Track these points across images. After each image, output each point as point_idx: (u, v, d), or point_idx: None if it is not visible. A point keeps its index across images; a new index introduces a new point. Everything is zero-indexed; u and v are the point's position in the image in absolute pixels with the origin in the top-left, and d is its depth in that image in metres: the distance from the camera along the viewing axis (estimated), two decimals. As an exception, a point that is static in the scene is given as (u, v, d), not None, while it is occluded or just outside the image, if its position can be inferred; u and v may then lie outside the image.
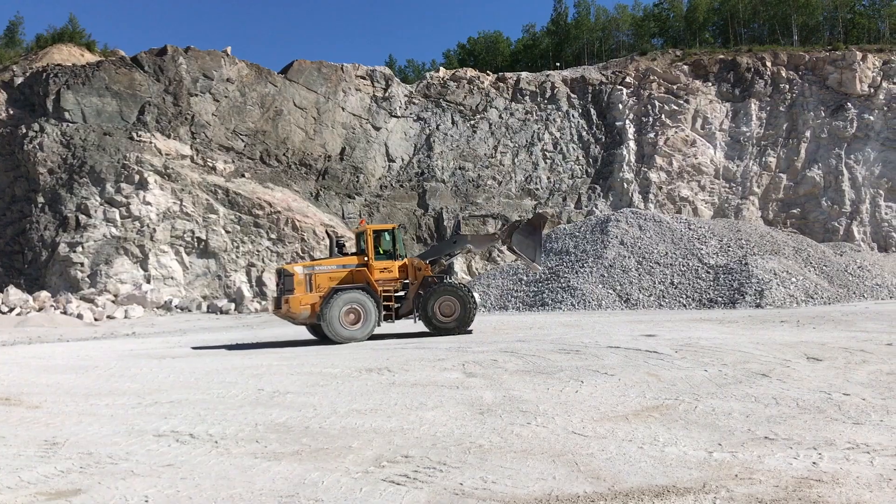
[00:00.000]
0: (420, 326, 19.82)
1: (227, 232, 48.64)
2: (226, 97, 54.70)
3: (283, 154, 55.24)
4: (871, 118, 60.77)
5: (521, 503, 4.56)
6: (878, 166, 60.33)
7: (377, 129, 58.85)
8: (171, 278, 46.54)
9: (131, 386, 10.90)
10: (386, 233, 20.75)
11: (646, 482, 4.86)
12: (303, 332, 21.28)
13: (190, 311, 43.64)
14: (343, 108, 58.27)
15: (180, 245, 47.42)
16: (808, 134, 61.31)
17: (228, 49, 56.85)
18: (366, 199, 55.75)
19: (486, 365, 11.30)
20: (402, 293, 19.75)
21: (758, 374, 9.39)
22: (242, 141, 54.29)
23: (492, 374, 10.26)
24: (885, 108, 60.99)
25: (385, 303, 19.36)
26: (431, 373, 10.72)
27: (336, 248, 21.89)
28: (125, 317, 38.81)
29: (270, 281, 47.79)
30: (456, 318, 19.35)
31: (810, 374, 9.22)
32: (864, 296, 30.47)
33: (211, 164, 51.47)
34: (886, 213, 59.36)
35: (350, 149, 57.29)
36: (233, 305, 44.49)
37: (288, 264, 25.28)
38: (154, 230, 46.52)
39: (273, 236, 49.19)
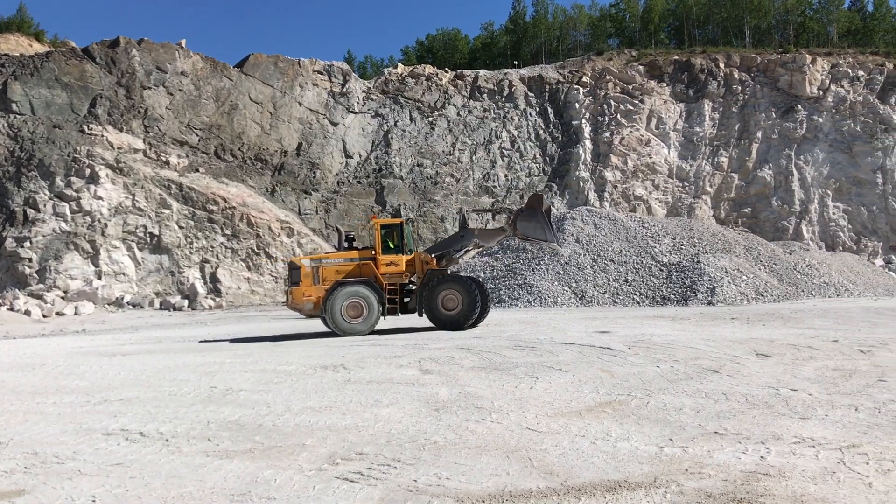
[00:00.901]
0: (426, 321, 19.76)
1: (181, 227, 47.92)
2: (180, 91, 53.87)
3: (239, 149, 54.61)
4: (820, 120, 62.23)
5: (475, 499, 4.57)
6: (827, 167, 61.83)
7: (334, 124, 58.52)
8: (123, 274, 45.70)
9: (80, 384, 10.68)
10: (394, 227, 20.68)
11: (598, 477, 4.92)
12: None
13: (142, 307, 42.91)
14: (300, 103, 57.81)
15: (132, 240, 46.59)
16: (759, 135, 62.61)
17: (183, 42, 55.98)
18: (323, 195, 55.40)
19: (442, 362, 11.32)
20: (412, 287, 19.92)
21: (708, 370, 9.56)
22: (197, 135, 53.53)
23: (448, 371, 10.27)
24: (834, 111, 62.51)
25: (391, 297, 19.44)
26: (387, 370, 10.70)
27: (345, 242, 21.87)
28: (75, 313, 38.02)
29: (225, 277, 47.24)
30: (459, 312, 19.01)
31: (759, 371, 9.41)
32: (812, 293, 31.19)
33: (164, 159, 50.65)
34: (834, 213, 60.88)
35: (307, 144, 56.88)
36: (186, 302, 43.87)
37: (295, 257, 25.33)
38: (105, 225, 45.62)
39: (228, 232, 48.61)
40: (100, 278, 43.93)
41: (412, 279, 20.04)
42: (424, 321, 19.91)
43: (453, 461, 5.47)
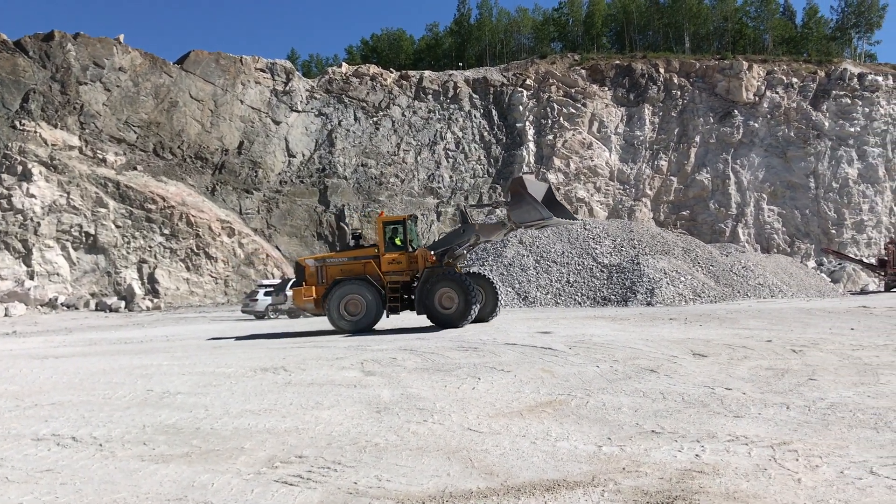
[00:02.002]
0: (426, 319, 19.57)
1: (118, 227, 46.81)
2: (118, 87, 52.65)
3: (178, 147, 53.60)
4: (756, 125, 63.97)
5: (415, 500, 4.56)
6: (762, 171, 63.58)
7: (277, 123, 57.89)
8: (57, 275, 44.46)
9: (9, 388, 10.33)
10: (397, 224, 20.48)
11: (537, 476, 4.95)
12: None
13: (77, 308, 41.81)
14: (241, 101, 57.03)
15: (67, 240, 45.35)
16: (697, 139, 64.04)
17: (121, 37, 54.71)
18: (264, 195, 54.74)
19: (384, 363, 11.27)
20: (416, 285, 19.63)
21: (646, 369, 9.71)
22: (135, 132, 52.37)
23: (390, 373, 10.24)
24: (769, 116, 64.33)
25: (392, 295, 19.35)
26: (329, 372, 10.61)
27: (352, 240, 21.72)
28: (6, 315, 36.83)
29: (164, 278, 46.30)
30: (456, 310, 18.68)
31: (696, 370, 9.60)
32: (747, 294, 31.99)
33: (101, 156, 49.42)
34: (769, 216, 62.63)
35: (248, 143, 56.14)
36: (123, 303, 42.89)
37: (301, 257, 25.05)
38: (38, 224, 44.32)
39: (166, 232, 47.66)
40: (32, 279, 42.65)
41: (417, 276, 19.74)
42: (424, 319, 19.73)
43: (394, 463, 5.45)
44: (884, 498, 4.27)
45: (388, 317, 19.70)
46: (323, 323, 21.44)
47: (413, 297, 19.45)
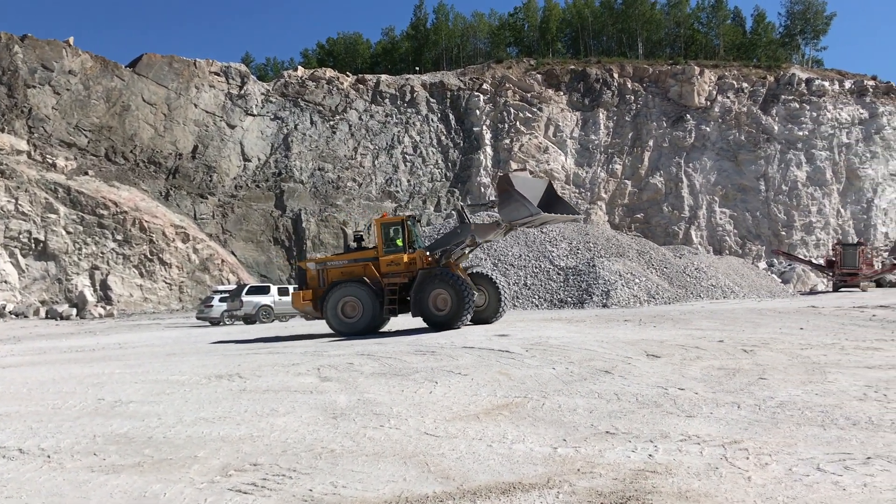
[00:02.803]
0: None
1: (69, 233, 45.84)
2: (67, 90, 51.61)
3: (131, 151, 52.72)
4: (708, 129, 65.11)
5: (371, 506, 4.55)
6: (714, 174, 64.73)
7: (232, 127, 57.27)
8: (5, 282, 43.38)
9: (-47, 399, 10.03)
10: (396, 225, 20.18)
11: (493, 479, 4.97)
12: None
13: (26, 316, 40.84)
14: (196, 105, 56.31)
15: (15, 246, 44.27)
16: (651, 143, 64.97)
17: (71, 39, 53.66)
18: (220, 200, 54.09)
19: (341, 368, 11.21)
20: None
21: (602, 370, 9.81)
22: (86, 137, 51.38)
23: (347, 378, 10.18)
24: (720, 120, 65.54)
25: (391, 297, 19.09)
26: (285, 378, 10.51)
27: (353, 242, 21.54)
28: (-50, 324, 35.80)
29: (116, 284, 45.48)
30: (449, 311, 18.30)
31: (649, 371, 9.73)
32: (700, 296, 32.53)
33: (51, 161, 48.37)
34: (721, 219, 63.77)
35: (203, 147, 55.44)
36: (74, 311, 42.01)
37: (302, 261, 24.73)
38: (-16, 230, 43.18)
39: (119, 237, 46.80)
40: (-22, 287, 41.55)
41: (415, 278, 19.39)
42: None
43: (350, 469, 5.42)
44: (830, 494, 4.37)
45: (389, 317, 19.72)
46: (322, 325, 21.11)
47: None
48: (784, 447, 5.49)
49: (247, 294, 31.65)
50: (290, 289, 33.55)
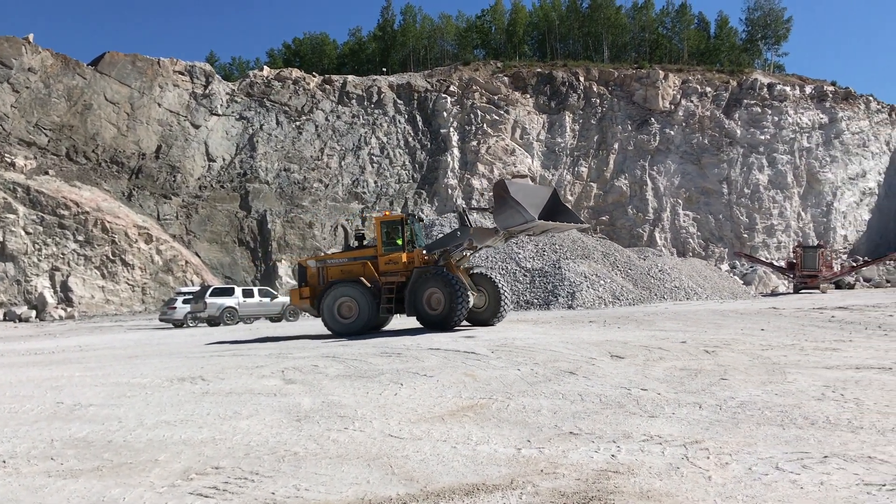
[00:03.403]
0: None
1: (28, 233, 44.98)
2: (27, 88, 50.66)
3: (93, 151, 51.89)
4: (672, 133, 65.89)
5: (334, 509, 4.52)
6: (678, 177, 65.51)
7: (196, 127, 56.64)
8: (-39, 283, 42.44)
9: None
10: (395, 223, 19.80)
11: (457, 481, 4.97)
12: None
13: (-17, 319, 39.97)
14: (159, 105, 55.60)
15: (-28, 247, 43.32)
16: (616, 146, 65.56)
17: (30, 36, 52.64)
18: (183, 200, 53.47)
19: (306, 371, 11.13)
20: None
21: (566, 371, 9.87)
22: (46, 136, 50.46)
23: (311, 380, 10.11)
24: (684, 124, 66.36)
25: (388, 296, 18.80)
26: (248, 380, 10.41)
27: (355, 241, 21.17)
28: None
29: (77, 286, 44.74)
30: (442, 311, 17.93)
31: (613, 371, 9.81)
32: (664, 297, 32.88)
33: (10, 160, 47.42)
34: (684, 221, 64.54)
35: (167, 147, 54.75)
36: (34, 312, 41.22)
37: (303, 258, 24.35)
38: (-60, 230, 42.20)
39: (80, 238, 46.02)
40: (-67, 288, 40.62)
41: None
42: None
43: (313, 472, 5.38)
44: (788, 492, 4.44)
45: (390, 317, 19.62)
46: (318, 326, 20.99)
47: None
48: (744, 447, 5.57)
49: (211, 296, 31.30)
50: (255, 290, 33.27)
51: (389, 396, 8.56)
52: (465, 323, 19.47)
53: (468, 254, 20.21)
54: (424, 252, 19.65)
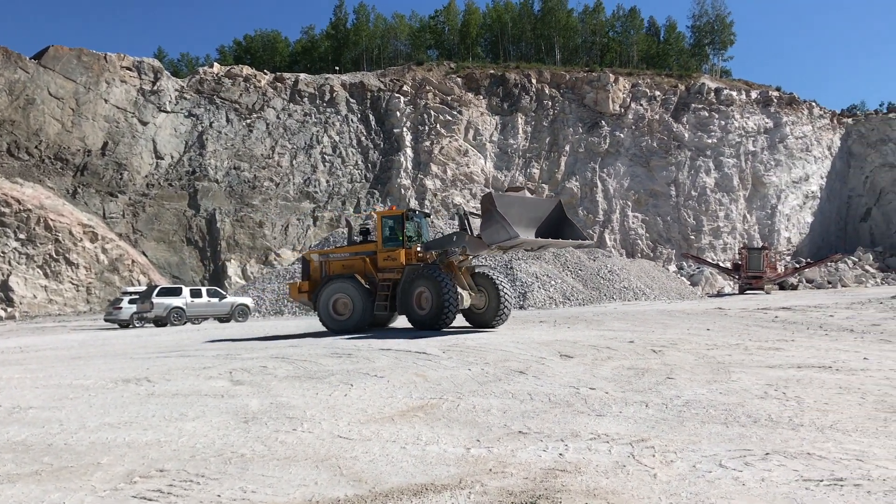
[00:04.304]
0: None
1: (-34, 231, 43.62)
2: (-34, 81, 49.09)
3: (36, 147, 50.53)
4: (622, 136, 66.77)
5: (281, 511, 4.47)
6: (627, 180, 66.42)
7: (144, 123, 55.58)
8: None
9: None
10: (395, 218, 19.21)
11: (406, 481, 4.95)
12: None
13: (-82, 319, 38.65)
14: (106, 101, 54.41)
15: None
16: (567, 148, 66.19)
17: (-31, 27, 50.97)
18: (130, 198, 52.42)
19: (254, 372, 11.00)
20: None
21: (516, 371, 9.93)
22: (-14, 130, 48.96)
23: (260, 381, 10.00)
24: (634, 127, 67.30)
25: (383, 293, 18.25)
26: (195, 382, 10.24)
27: (360, 235, 20.59)
28: None
29: (19, 286, 43.55)
30: (429, 311, 17.22)
31: (562, 371, 9.89)
32: (613, 297, 33.31)
33: (-54, 155, 45.92)
34: (633, 223, 65.44)
35: (113, 144, 53.62)
36: (-28, 313, 39.99)
37: (307, 251, 23.67)
38: None
39: (22, 237, 44.79)
40: None
41: None
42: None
43: (260, 473, 5.32)
44: (730, 489, 4.52)
45: (390, 313, 19.07)
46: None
47: None
48: (689, 444, 5.66)
49: (157, 296, 30.74)
50: (203, 291, 32.77)
51: (339, 397, 8.51)
52: (466, 325, 18.95)
53: (454, 256, 18.76)
54: (419, 249, 18.99)
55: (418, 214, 20.27)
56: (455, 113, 64.98)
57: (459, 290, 17.60)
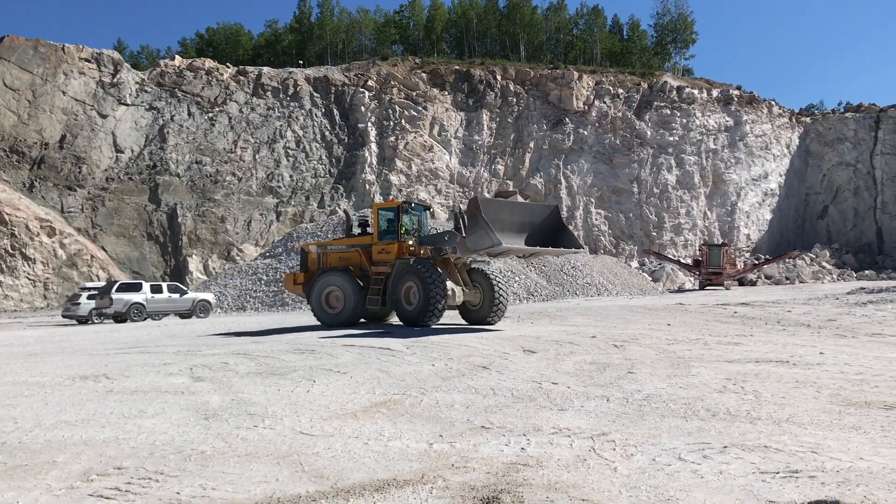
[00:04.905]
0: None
1: (-83, 225, 42.52)
2: (-83, 70, 47.82)
3: (-10, 139, 49.38)
4: (585, 133, 67.23)
5: (241, 508, 4.43)
6: (591, 177, 66.92)
7: (103, 116, 54.61)
8: None
9: None
10: (391, 211, 18.68)
11: (368, 477, 4.94)
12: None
13: None
14: (64, 93, 53.37)
15: None
16: (532, 145, 66.46)
17: (-79, 16, 49.65)
18: (89, 192, 51.52)
19: (215, 368, 10.87)
20: None
21: (479, 366, 9.96)
22: (-62, 122, 47.75)
23: (221, 378, 9.89)
24: (597, 125, 67.81)
25: (375, 287, 17.73)
26: (155, 378, 10.10)
27: (359, 227, 20.05)
28: None
29: (-28, 281, 42.55)
30: (416, 307, 16.64)
31: (525, 366, 9.95)
32: (576, 293, 33.57)
33: None
34: (596, 219, 65.97)
35: (71, 136, 52.62)
36: (-77, 309, 38.99)
37: (305, 243, 23.05)
38: None
39: (-24, 231, 43.76)
40: None
41: None
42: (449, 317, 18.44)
43: (221, 470, 5.26)
44: (689, 482, 4.58)
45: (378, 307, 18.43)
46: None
47: None
48: (649, 438, 5.73)
49: (117, 291, 30.25)
50: (164, 286, 32.34)
51: (301, 394, 8.45)
52: (462, 322, 18.45)
53: (446, 253, 17.89)
54: (411, 244, 18.22)
55: (416, 207, 19.69)
56: (420, 108, 64.87)
57: (453, 286, 17.11)
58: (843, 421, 6.17)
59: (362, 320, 19.98)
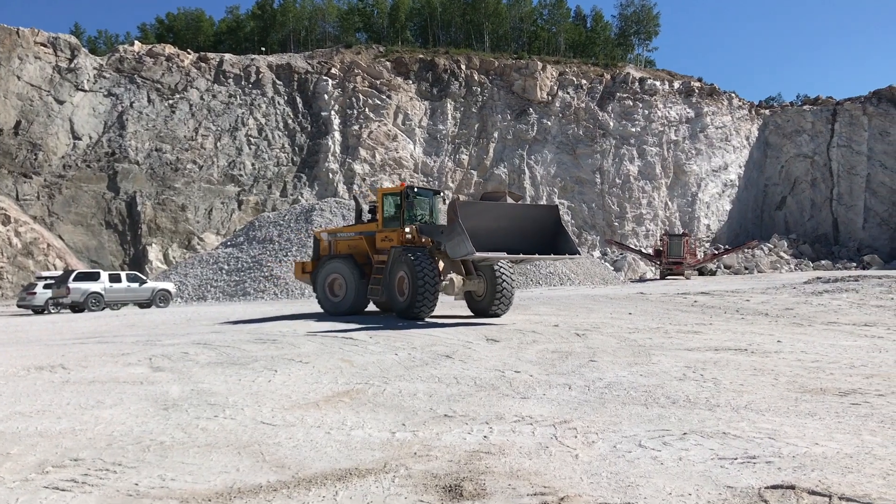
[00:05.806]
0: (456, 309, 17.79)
1: None
2: None
3: (-59, 124, 48.07)
4: (549, 123, 67.48)
5: (201, 498, 4.38)
6: (554, 167, 67.23)
7: (60, 102, 53.44)
8: None
9: None
10: (394, 197, 18.01)
11: (330, 467, 4.92)
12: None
13: None
14: (19, 78, 52.10)
15: None
16: (496, 135, 66.54)
17: None
18: (46, 180, 50.43)
19: (175, 358, 10.74)
20: None
21: (443, 355, 9.97)
22: None
23: (181, 368, 9.77)
24: (561, 115, 68.10)
25: (376, 276, 17.22)
26: (113, 368, 9.94)
27: (368, 214, 19.51)
28: None
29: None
30: (406, 298, 15.79)
31: (488, 355, 9.99)
32: (539, 282, 33.78)
33: None
34: (560, 209, 66.24)
35: (27, 123, 51.43)
36: None
37: (317, 230, 22.46)
38: None
39: (-73, 218, 42.63)
40: None
41: None
42: (447, 309, 18.23)
43: (180, 461, 5.20)
44: (649, 468, 4.64)
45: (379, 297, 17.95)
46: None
47: None
48: (610, 426, 5.79)
49: (74, 280, 29.72)
50: (123, 275, 31.85)
51: (263, 383, 8.39)
52: (468, 313, 17.68)
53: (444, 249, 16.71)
54: (408, 231, 17.28)
55: (424, 192, 18.79)
56: (384, 97, 64.54)
57: (454, 275, 16.21)
58: (799, 407, 6.30)
59: (377, 310, 19.86)
